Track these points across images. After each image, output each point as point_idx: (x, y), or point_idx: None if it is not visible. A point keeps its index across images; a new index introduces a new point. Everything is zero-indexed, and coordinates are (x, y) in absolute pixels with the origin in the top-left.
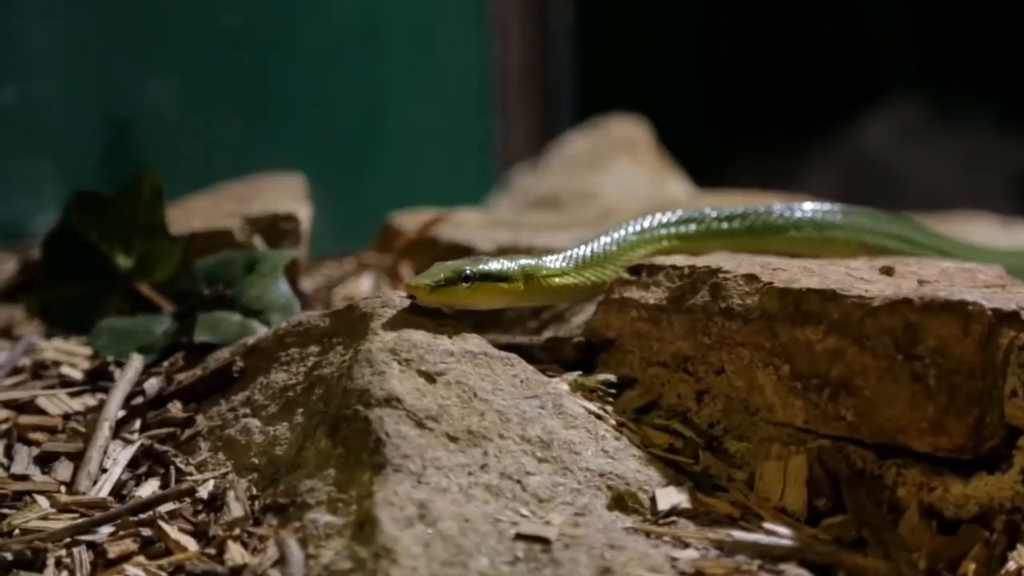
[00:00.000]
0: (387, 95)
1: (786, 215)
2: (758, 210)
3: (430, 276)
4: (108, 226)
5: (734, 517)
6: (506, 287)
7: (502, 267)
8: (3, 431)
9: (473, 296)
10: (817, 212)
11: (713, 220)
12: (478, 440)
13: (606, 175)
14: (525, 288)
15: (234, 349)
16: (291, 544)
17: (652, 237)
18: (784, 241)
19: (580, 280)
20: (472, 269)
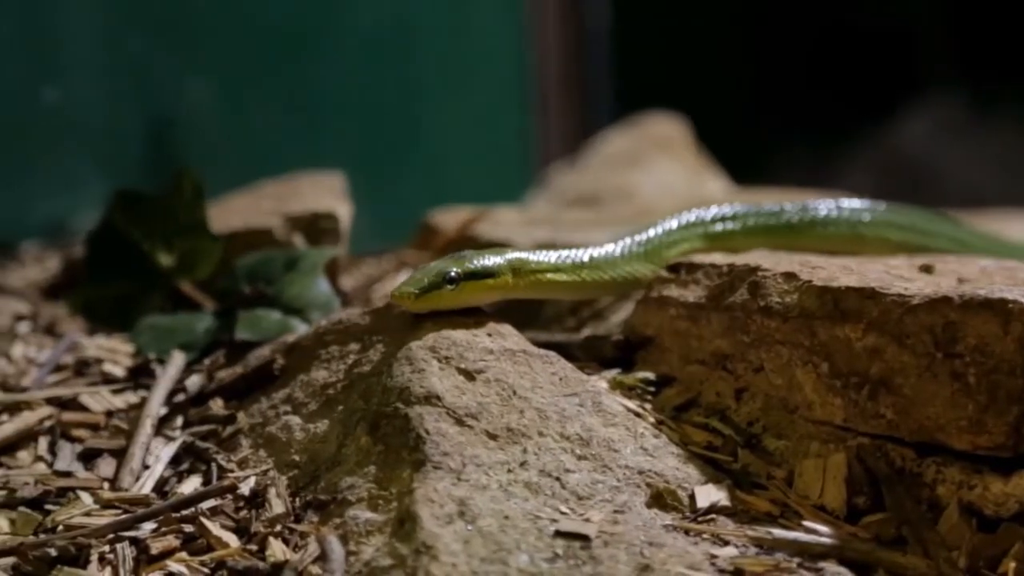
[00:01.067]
0: (426, 94)
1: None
2: (780, 208)
3: (414, 283)
4: (150, 224)
5: (773, 515)
6: (492, 283)
7: (487, 263)
8: (47, 428)
9: (461, 296)
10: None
11: (722, 222)
12: (517, 437)
13: (644, 173)
14: (514, 282)
15: (275, 347)
16: (332, 541)
17: (658, 246)
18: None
19: (574, 278)
20: (456, 270)
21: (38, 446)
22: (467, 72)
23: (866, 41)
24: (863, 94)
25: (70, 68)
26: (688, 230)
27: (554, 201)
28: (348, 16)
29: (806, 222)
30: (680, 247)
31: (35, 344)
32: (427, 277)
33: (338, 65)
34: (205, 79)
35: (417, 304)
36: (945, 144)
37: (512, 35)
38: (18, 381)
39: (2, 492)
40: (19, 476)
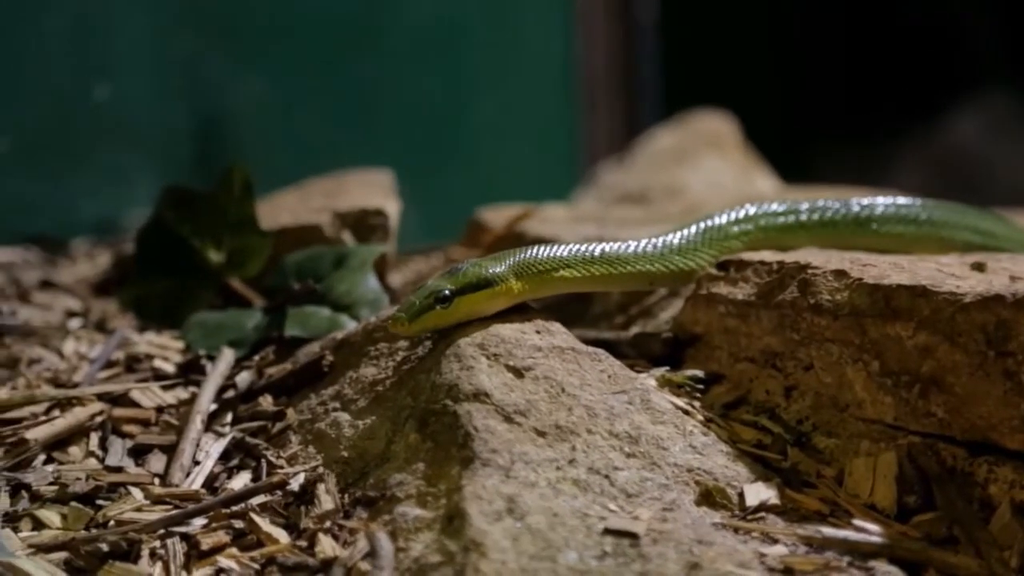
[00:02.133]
0: (475, 91)
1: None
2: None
3: (406, 307)
4: (199, 221)
5: (823, 513)
6: (492, 292)
7: (484, 273)
8: (98, 423)
9: (457, 313)
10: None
11: (739, 224)
12: (566, 435)
13: (693, 170)
14: (520, 287)
15: (324, 343)
16: (381, 537)
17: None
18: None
19: (584, 274)
20: (449, 288)
21: (89, 442)
22: (515, 69)
23: (916, 38)
24: (913, 92)
25: (121, 66)
26: (707, 234)
27: (602, 198)
28: (397, 14)
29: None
30: (700, 252)
31: (86, 340)
32: (418, 299)
33: (387, 63)
34: (255, 77)
35: (412, 329)
36: (995, 142)
37: (560, 33)
38: (70, 377)
39: (54, 487)
40: (71, 471)
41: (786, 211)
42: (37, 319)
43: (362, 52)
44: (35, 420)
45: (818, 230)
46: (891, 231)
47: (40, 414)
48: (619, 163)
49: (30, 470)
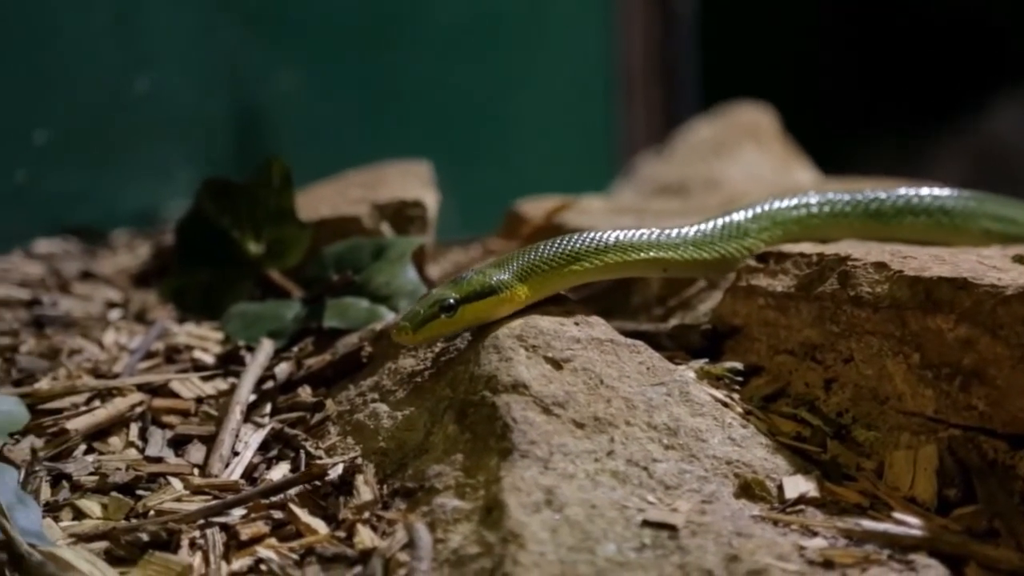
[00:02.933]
0: (513, 82)
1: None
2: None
3: (410, 316)
4: (239, 213)
5: (863, 506)
6: (495, 300)
7: (489, 281)
8: (138, 414)
9: (462, 321)
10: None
11: (755, 220)
12: (604, 427)
13: (731, 162)
14: (528, 290)
15: (362, 334)
16: (420, 528)
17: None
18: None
19: (597, 264)
20: (453, 296)
21: (129, 432)
22: (553, 61)
23: (956, 29)
24: (953, 83)
25: (161, 59)
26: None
27: (640, 190)
28: (435, 6)
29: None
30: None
31: (126, 331)
32: (423, 308)
33: (426, 54)
34: (294, 69)
35: (416, 338)
36: None
37: (598, 24)
38: (110, 367)
39: (94, 477)
40: (111, 462)
41: (797, 205)
42: (78, 310)
43: (401, 44)
44: (76, 410)
45: (830, 220)
46: (904, 222)
47: (81, 404)
48: (658, 155)
49: (71, 460)
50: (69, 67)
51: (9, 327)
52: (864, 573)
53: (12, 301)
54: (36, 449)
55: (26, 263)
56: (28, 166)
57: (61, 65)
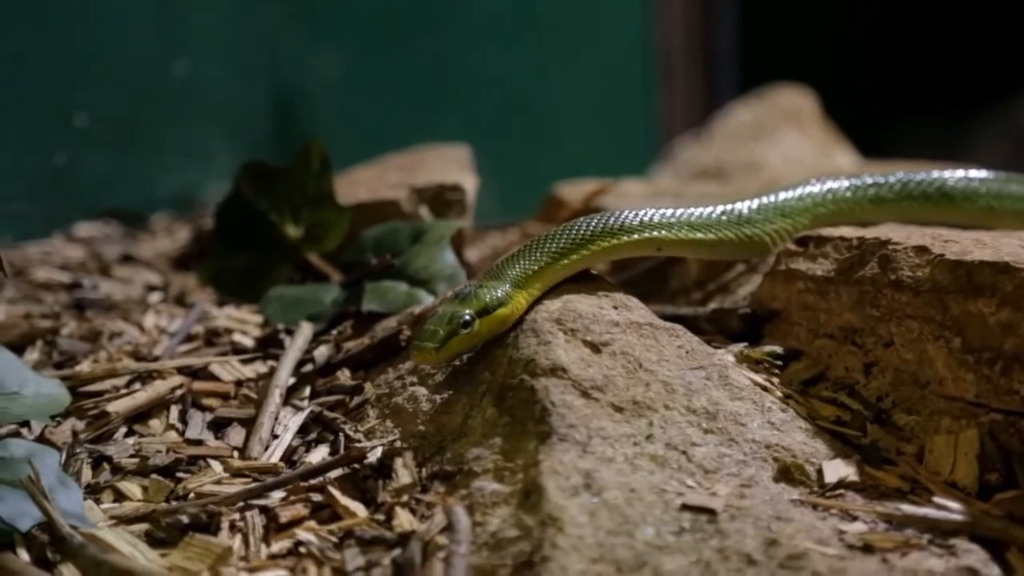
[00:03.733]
0: (551, 67)
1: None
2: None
3: (430, 337)
4: (278, 196)
5: (903, 491)
6: (506, 312)
7: (496, 295)
8: (178, 397)
9: (478, 335)
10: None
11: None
12: (643, 410)
13: (771, 145)
14: (527, 297)
15: (401, 318)
16: (458, 511)
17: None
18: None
19: (584, 253)
20: (468, 312)
21: (170, 414)
22: (592, 45)
23: (998, 13)
24: (993, 65)
25: (201, 43)
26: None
27: (679, 174)
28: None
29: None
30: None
31: (166, 314)
32: (441, 328)
33: (465, 38)
34: (332, 53)
35: (440, 357)
36: None
37: (638, 7)
38: (150, 350)
39: (135, 459)
40: (151, 444)
41: (800, 194)
42: (118, 293)
43: (439, 28)
44: (116, 393)
45: (833, 206)
46: (912, 206)
47: (121, 387)
48: (697, 138)
49: (112, 442)
50: (109, 51)
51: (50, 310)
52: (904, 558)
53: (53, 284)
54: (77, 431)
55: (67, 246)
56: (68, 150)
57: (101, 49)
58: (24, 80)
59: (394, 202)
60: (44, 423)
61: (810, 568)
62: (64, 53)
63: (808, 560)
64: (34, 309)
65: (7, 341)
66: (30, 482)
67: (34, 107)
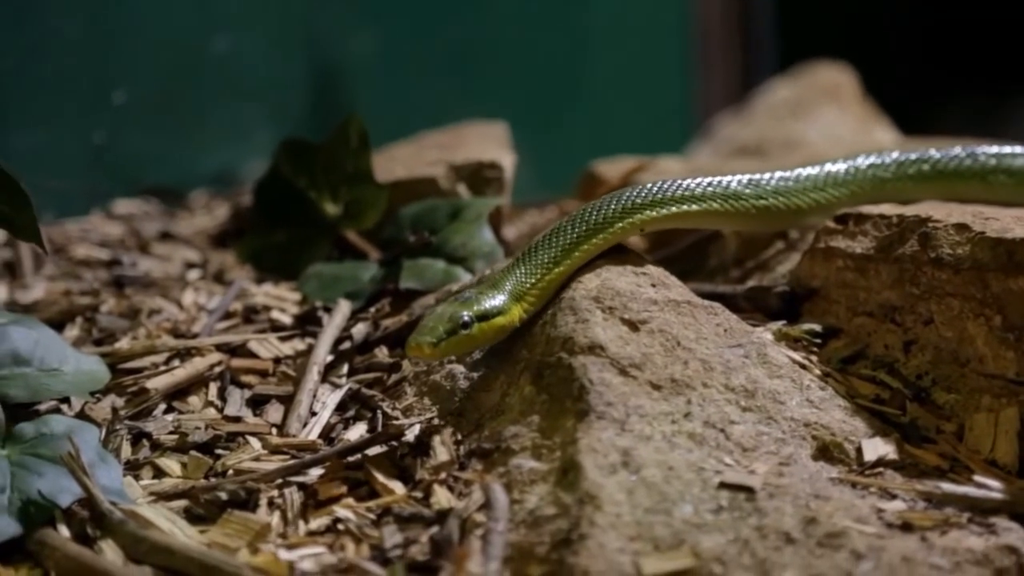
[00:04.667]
0: (589, 43)
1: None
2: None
3: (430, 332)
4: (316, 173)
5: (943, 469)
6: (503, 321)
7: (495, 302)
8: (217, 374)
9: (475, 339)
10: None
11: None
12: (681, 388)
13: (810, 122)
14: (524, 307)
15: (439, 296)
16: (496, 489)
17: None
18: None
19: (577, 257)
20: (468, 313)
21: (208, 391)
22: (630, 21)
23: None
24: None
25: (239, 19)
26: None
27: (718, 151)
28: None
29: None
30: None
31: (205, 291)
32: (442, 326)
33: (502, 15)
34: (371, 30)
35: (435, 353)
36: None
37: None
38: (189, 328)
39: (174, 436)
40: (190, 421)
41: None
42: (157, 270)
43: (478, 4)
44: (155, 370)
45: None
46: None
47: (160, 364)
48: (735, 116)
49: (151, 419)
50: (147, 27)
51: (90, 287)
52: (943, 536)
53: (92, 261)
54: (117, 408)
55: (106, 223)
56: (107, 127)
57: (139, 25)
58: (62, 57)
59: (432, 179)
60: (84, 400)
61: (849, 546)
62: (102, 29)
63: (847, 538)
64: (73, 286)
65: (47, 318)
66: (70, 458)
67: (73, 84)
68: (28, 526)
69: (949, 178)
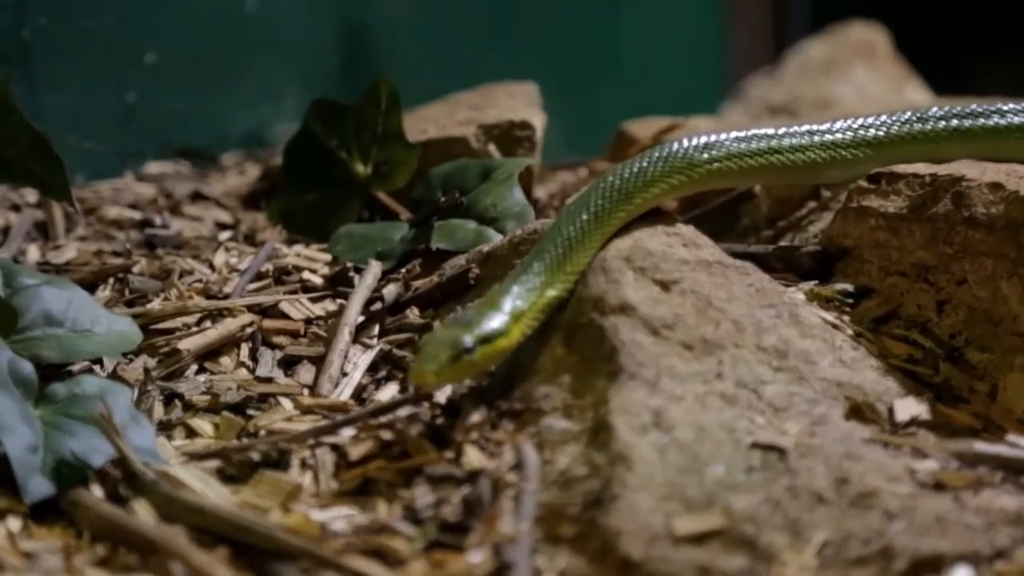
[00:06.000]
0: (621, 3)
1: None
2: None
3: (432, 360)
4: (347, 134)
5: (975, 429)
6: (504, 343)
7: (495, 325)
8: (248, 334)
9: (477, 364)
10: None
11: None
12: (713, 349)
13: (842, 82)
14: (521, 329)
15: (470, 256)
16: (528, 449)
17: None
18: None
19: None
20: (469, 338)
21: (240, 352)
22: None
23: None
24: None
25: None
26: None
27: (750, 111)
28: None
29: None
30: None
31: (236, 252)
32: (443, 352)
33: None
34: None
35: (439, 381)
36: None
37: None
38: (220, 288)
39: (206, 397)
40: (222, 381)
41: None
42: (188, 231)
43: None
44: (187, 331)
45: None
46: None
47: (192, 325)
48: (768, 76)
49: (183, 380)
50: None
51: (121, 248)
52: (976, 496)
53: (124, 222)
54: (149, 369)
55: (137, 184)
56: (139, 88)
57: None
58: (94, 18)
59: (463, 139)
60: (116, 360)
61: (881, 506)
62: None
63: (879, 498)
64: (105, 247)
65: (79, 279)
66: (103, 419)
67: (104, 45)
68: (61, 486)
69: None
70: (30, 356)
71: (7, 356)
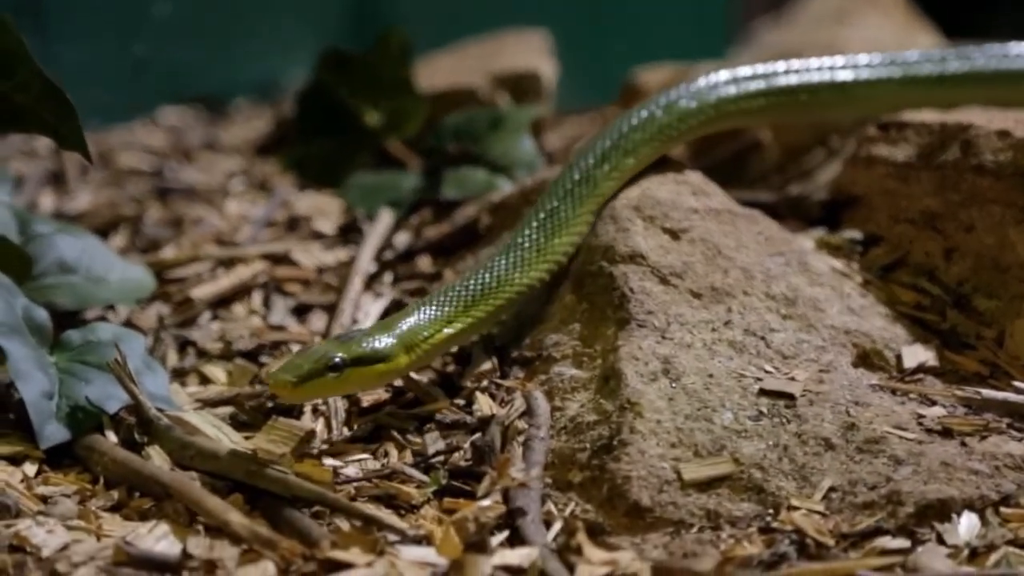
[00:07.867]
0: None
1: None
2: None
3: (292, 369)
4: (357, 83)
5: (982, 375)
6: (384, 368)
7: (378, 346)
8: (260, 283)
9: (346, 384)
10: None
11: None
12: (722, 297)
13: (852, 28)
14: (408, 360)
15: (480, 205)
16: (537, 396)
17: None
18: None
19: (469, 321)
20: (341, 355)
21: (252, 300)
22: None
23: None
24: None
25: None
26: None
27: (758, 58)
28: None
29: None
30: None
31: (248, 200)
32: (307, 363)
33: None
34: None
35: (295, 394)
36: None
37: None
38: (232, 236)
39: (219, 344)
40: (235, 329)
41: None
42: (200, 179)
43: None
44: (200, 279)
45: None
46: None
47: (204, 273)
48: (777, 21)
49: (196, 327)
50: None
51: (134, 196)
52: (983, 441)
53: (137, 170)
54: (162, 316)
55: (149, 133)
56: (150, 37)
57: None
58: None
59: (472, 89)
60: (130, 307)
61: (888, 452)
62: None
63: (886, 444)
64: (118, 195)
65: (92, 227)
66: (117, 365)
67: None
68: (76, 432)
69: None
70: (45, 303)
71: (22, 303)
